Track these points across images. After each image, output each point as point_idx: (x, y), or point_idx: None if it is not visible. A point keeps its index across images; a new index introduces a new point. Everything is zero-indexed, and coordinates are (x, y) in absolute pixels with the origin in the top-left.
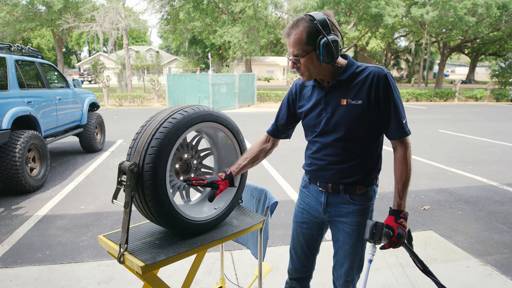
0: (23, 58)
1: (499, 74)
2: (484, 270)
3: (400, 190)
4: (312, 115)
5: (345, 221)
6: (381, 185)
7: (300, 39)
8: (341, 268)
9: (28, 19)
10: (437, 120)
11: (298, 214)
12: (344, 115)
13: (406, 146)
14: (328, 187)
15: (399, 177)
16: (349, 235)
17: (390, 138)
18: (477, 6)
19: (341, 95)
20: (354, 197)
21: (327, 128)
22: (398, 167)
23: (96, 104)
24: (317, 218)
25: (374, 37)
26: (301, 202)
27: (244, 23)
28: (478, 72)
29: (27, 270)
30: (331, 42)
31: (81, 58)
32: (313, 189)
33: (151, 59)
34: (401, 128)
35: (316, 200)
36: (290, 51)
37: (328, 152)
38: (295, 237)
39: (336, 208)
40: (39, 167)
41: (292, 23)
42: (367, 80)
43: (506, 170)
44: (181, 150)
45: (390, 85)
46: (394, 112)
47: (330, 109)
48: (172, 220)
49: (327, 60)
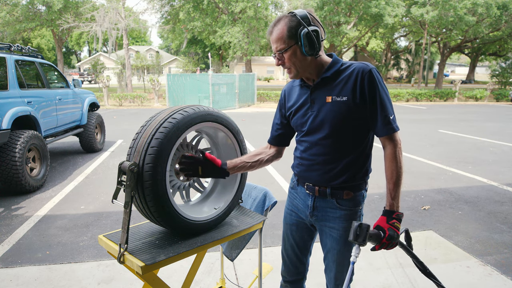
0: (23, 58)
1: (499, 74)
2: (484, 270)
3: (392, 190)
4: (298, 115)
5: (332, 226)
6: (382, 185)
7: (281, 34)
8: (330, 272)
9: (28, 19)
10: (437, 120)
11: (287, 216)
12: (329, 113)
13: (395, 143)
14: (315, 190)
15: (389, 176)
16: (336, 241)
17: (378, 135)
18: (477, 6)
19: (326, 93)
20: (341, 202)
21: (313, 126)
22: (388, 165)
23: (96, 104)
24: (305, 221)
25: (374, 37)
26: (290, 203)
27: (244, 23)
28: (478, 72)
29: (27, 270)
30: (311, 32)
31: (81, 58)
32: (300, 191)
33: (151, 59)
34: (389, 124)
35: (303, 202)
36: (274, 47)
37: (314, 152)
38: (285, 239)
39: (323, 213)
40: (39, 167)
41: (274, 21)
42: (352, 76)
43: (506, 170)
44: (181, 150)
45: (375, 80)
46: (380, 108)
47: (315, 107)
48: (172, 220)
49: (309, 51)
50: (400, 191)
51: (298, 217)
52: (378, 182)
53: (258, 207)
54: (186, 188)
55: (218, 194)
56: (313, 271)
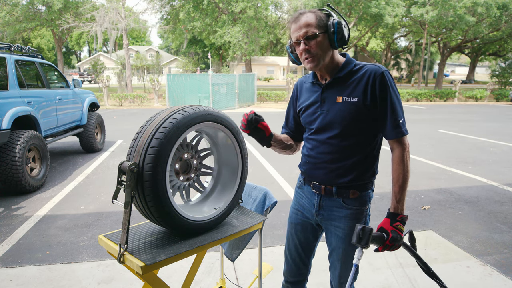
0: (23, 58)
1: (499, 74)
2: (484, 270)
3: (397, 193)
4: (308, 112)
5: (337, 225)
6: (382, 185)
7: (312, 20)
8: (335, 271)
9: (28, 19)
10: (437, 120)
11: (292, 215)
12: (339, 113)
13: (403, 147)
14: (321, 189)
15: (395, 179)
16: (342, 240)
17: (387, 138)
18: (477, 5)
19: (337, 93)
20: (347, 201)
21: (322, 125)
22: (395, 168)
23: (96, 104)
24: (311, 220)
25: (374, 37)
26: (296, 203)
27: (244, 23)
28: (478, 72)
29: (27, 270)
30: (342, 23)
31: (81, 58)
32: (307, 190)
33: (151, 59)
34: (398, 127)
35: (309, 201)
36: (302, 33)
37: (322, 150)
38: (289, 238)
39: (329, 212)
40: (39, 167)
41: (297, 12)
42: (364, 77)
43: (506, 170)
44: (181, 150)
45: (387, 83)
46: (390, 111)
47: (325, 106)
48: (172, 220)
49: (339, 41)
50: (406, 194)
51: (303, 216)
52: (377, 182)
53: (258, 207)
54: (186, 188)
55: (218, 194)
56: (314, 271)
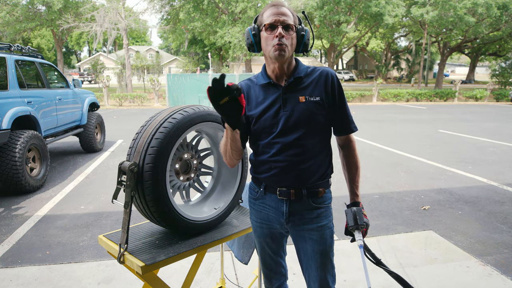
0: (23, 58)
1: (499, 74)
2: (484, 270)
3: (358, 182)
4: (267, 116)
5: (311, 228)
6: (382, 185)
7: (290, 15)
8: (316, 282)
9: (28, 19)
10: (437, 120)
11: (257, 230)
12: (304, 112)
13: (353, 140)
14: (291, 193)
15: (355, 170)
16: (318, 242)
17: (342, 134)
18: (477, 6)
19: (298, 93)
20: (316, 200)
21: (286, 127)
22: (354, 161)
23: (96, 104)
24: (279, 229)
25: (374, 37)
26: (257, 216)
27: (244, 23)
28: (478, 72)
29: (27, 270)
30: (309, 32)
31: (81, 58)
32: (270, 199)
33: (151, 59)
34: (353, 122)
35: (275, 211)
36: (281, 19)
37: (291, 152)
38: (262, 253)
39: (300, 217)
40: (39, 167)
41: (276, 1)
42: (321, 77)
43: (506, 170)
44: (181, 150)
45: (339, 82)
46: (345, 108)
47: (288, 107)
48: (172, 220)
49: (304, 47)
50: None
51: (270, 227)
52: (377, 182)
53: None
54: (186, 188)
55: (218, 194)
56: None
